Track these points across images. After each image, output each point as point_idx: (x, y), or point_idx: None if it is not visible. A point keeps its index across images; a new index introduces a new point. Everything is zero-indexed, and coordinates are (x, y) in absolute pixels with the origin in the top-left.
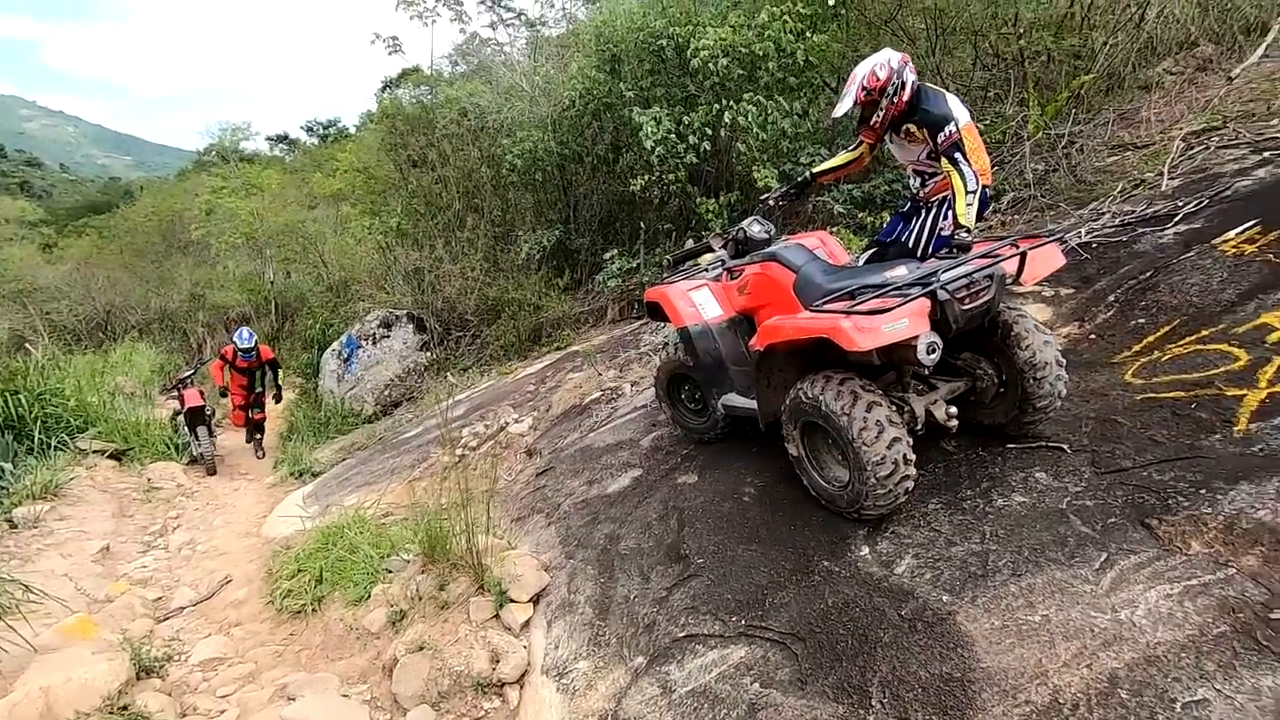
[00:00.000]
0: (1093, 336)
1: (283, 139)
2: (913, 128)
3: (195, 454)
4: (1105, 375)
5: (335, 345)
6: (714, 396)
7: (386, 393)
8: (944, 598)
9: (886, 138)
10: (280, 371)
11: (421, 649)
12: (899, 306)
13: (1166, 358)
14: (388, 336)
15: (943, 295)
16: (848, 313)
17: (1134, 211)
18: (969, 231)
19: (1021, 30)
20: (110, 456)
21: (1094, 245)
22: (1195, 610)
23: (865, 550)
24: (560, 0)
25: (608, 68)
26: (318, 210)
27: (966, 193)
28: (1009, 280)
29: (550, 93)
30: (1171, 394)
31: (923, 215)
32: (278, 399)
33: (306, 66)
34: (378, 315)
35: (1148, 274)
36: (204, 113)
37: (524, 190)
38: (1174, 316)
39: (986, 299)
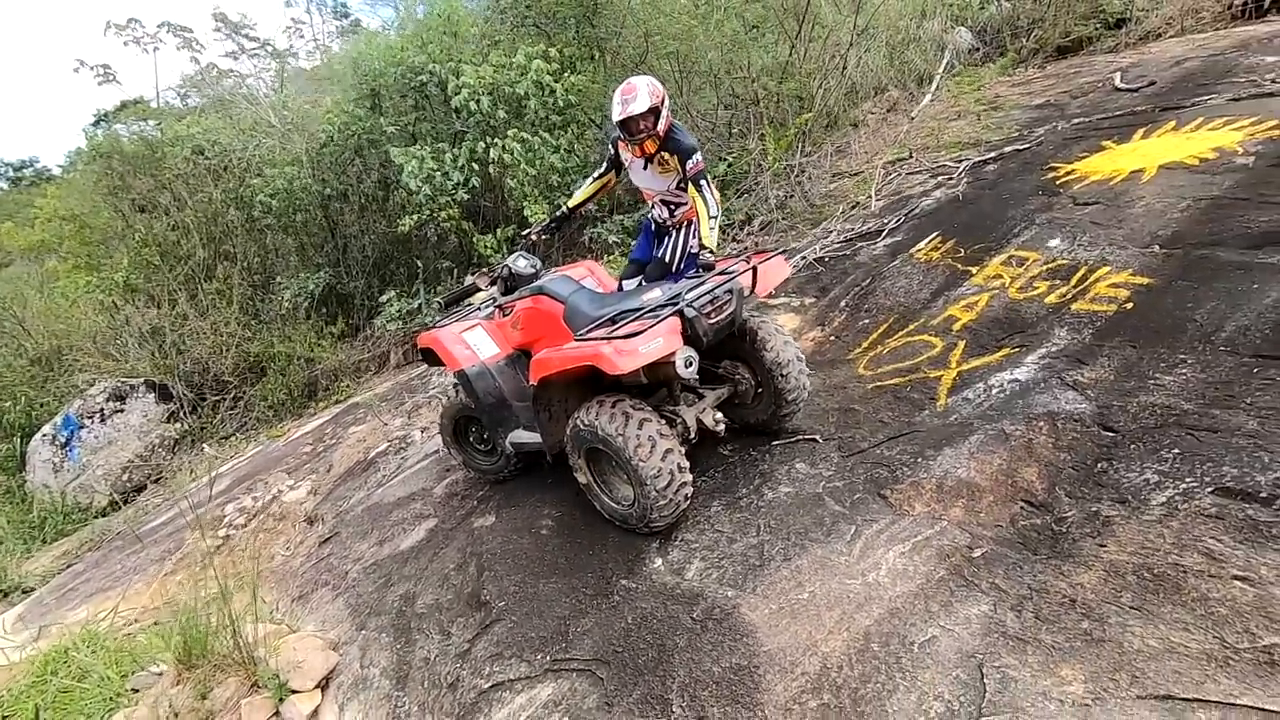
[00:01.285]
0: (832, 338)
1: None
2: (666, 156)
3: None
4: (844, 370)
5: (47, 429)
6: (501, 435)
7: (125, 477)
8: (729, 593)
9: (640, 164)
10: None
11: None
12: (653, 327)
13: (886, 350)
14: (121, 410)
15: (690, 312)
16: (608, 338)
17: (853, 229)
18: (712, 253)
19: (754, 76)
20: None
21: (827, 260)
22: (921, 562)
23: (659, 562)
24: (311, 31)
25: (368, 103)
26: (13, 268)
27: (710, 217)
28: (746, 293)
29: (304, 128)
30: (892, 381)
31: (674, 235)
32: None
33: None
34: (105, 387)
35: (867, 281)
36: None
37: (283, 233)
38: (889, 315)
39: (730, 311)
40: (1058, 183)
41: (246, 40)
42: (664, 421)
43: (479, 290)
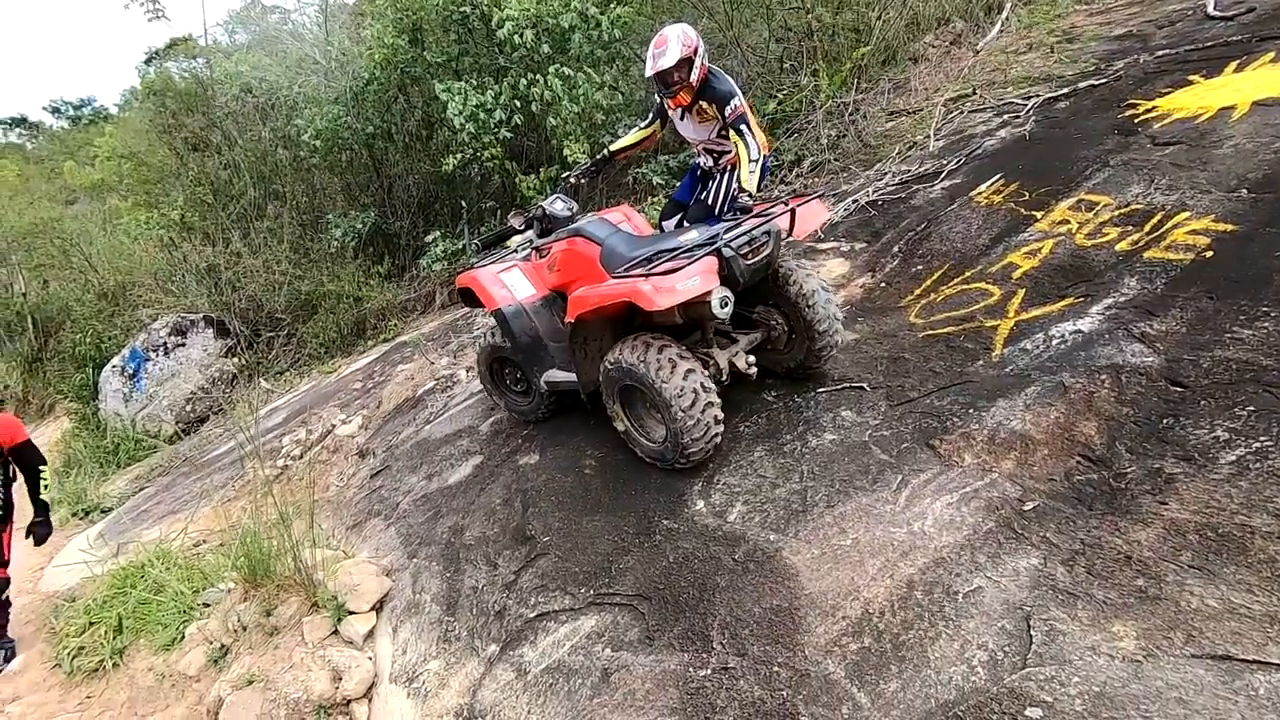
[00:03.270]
0: (883, 285)
1: (20, 122)
2: (704, 105)
3: None
4: (894, 318)
5: (116, 360)
6: (536, 375)
7: (189, 408)
8: (771, 536)
9: (678, 115)
10: (44, 470)
11: (251, 683)
12: (690, 265)
13: (940, 298)
14: (183, 345)
15: (728, 253)
16: (645, 275)
17: (909, 171)
18: (751, 196)
19: (808, 6)
20: None
21: (880, 203)
22: (970, 513)
23: (700, 504)
24: None
25: (407, 36)
26: (78, 206)
27: (750, 160)
28: (784, 235)
29: (348, 65)
30: (945, 330)
31: (718, 179)
32: (40, 536)
33: (43, 35)
34: (167, 322)
35: (922, 226)
36: None
37: (330, 172)
38: (944, 262)
39: (767, 254)
40: (1136, 121)
41: None
42: (689, 353)
43: (516, 232)
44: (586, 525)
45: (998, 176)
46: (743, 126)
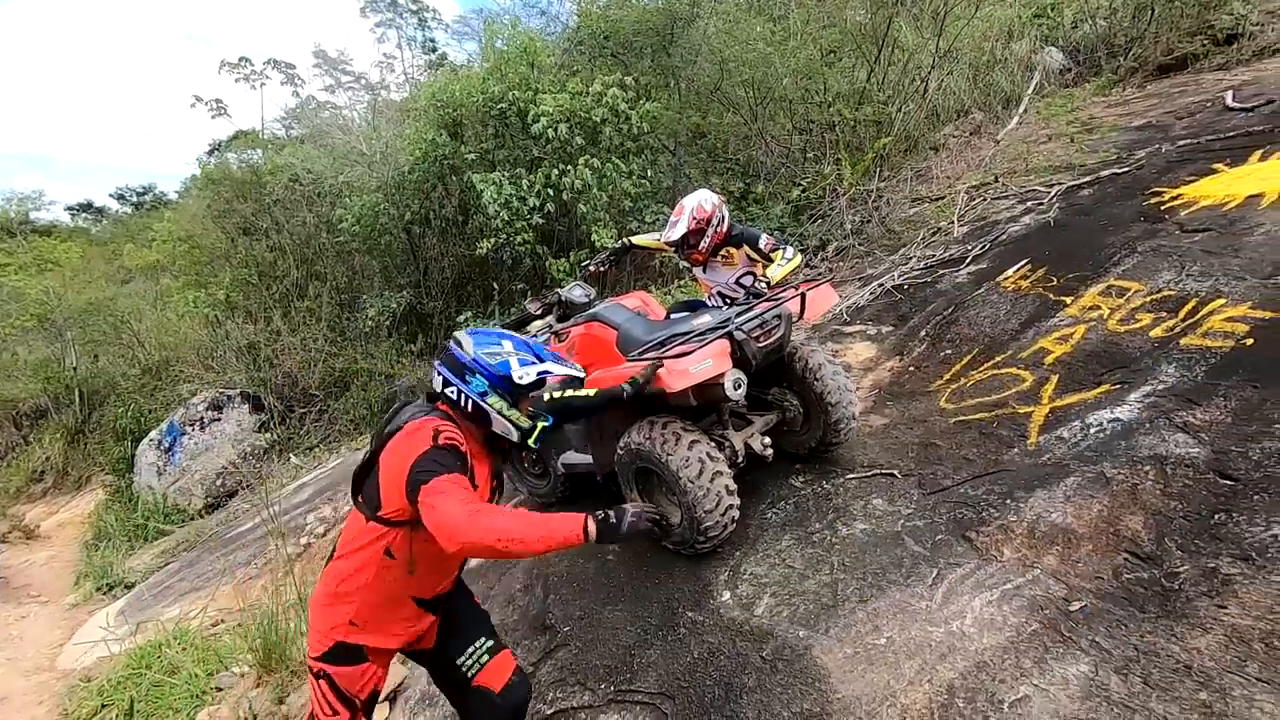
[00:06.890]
0: (912, 369)
1: (87, 208)
2: (731, 250)
3: None
4: (924, 403)
5: (154, 434)
6: (552, 457)
7: (219, 482)
8: (801, 633)
9: (699, 269)
10: None
11: None
12: (702, 349)
13: (970, 383)
14: (219, 419)
15: (739, 335)
16: (659, 359)
17: (934, 256)
18: (766, 282)
19: (829, 101)
20: None
21: (906, 287)
22: (1012, 612)
23: (726, 595)
24: (402, 65)
25: (448, 131)
26: (132, 284)
27: (786, 259)
28: (795, 318)
29: (390, 157)
30: (977, 416)
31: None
32: None
33: (115, 130)
34: (205, 397)
35: (950, 310)
36: None
37: (369, 255)
38: (973, 346)
39: (778, 336)
40: (1162, 208)
41: (343, 75)
42: (697, 429)
43: (535, 318)
44: (608, 615)
45: (1024, 262)
46: (785, 246)
